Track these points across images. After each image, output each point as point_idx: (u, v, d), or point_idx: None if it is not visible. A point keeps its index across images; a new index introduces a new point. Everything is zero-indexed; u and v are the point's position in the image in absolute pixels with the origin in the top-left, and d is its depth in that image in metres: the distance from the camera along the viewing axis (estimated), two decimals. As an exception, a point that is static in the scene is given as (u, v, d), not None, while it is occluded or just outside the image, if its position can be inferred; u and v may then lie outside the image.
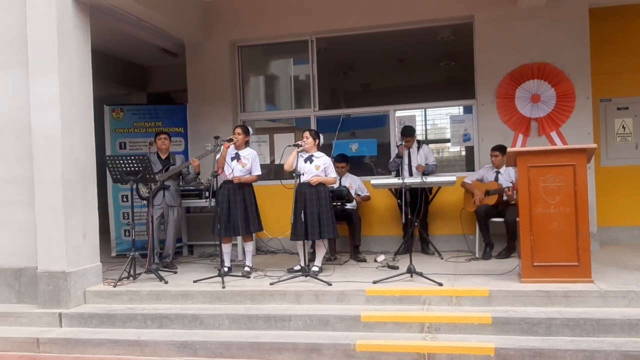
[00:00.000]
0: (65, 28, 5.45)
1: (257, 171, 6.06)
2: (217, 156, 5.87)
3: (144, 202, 6.38)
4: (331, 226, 5.72)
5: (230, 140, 5.89)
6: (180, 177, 6.62)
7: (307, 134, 5.85)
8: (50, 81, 5.35)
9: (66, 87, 5.43)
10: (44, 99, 5.37)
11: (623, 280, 4.90)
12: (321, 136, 5.93)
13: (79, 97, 5.60)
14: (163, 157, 6.59)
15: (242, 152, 6.02)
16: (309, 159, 5.80)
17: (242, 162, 5.96)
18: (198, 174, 6.57)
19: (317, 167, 5.76)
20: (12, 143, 5.63)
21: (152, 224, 6.16)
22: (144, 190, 6.35)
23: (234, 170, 5.90)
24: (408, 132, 6.92)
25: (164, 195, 6.45)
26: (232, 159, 5.95)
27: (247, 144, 6.13)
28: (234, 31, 7.81)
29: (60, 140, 5.34)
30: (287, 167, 5.81)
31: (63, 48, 5.40)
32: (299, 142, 5.78)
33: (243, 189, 5.93)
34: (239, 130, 6.03)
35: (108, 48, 8.70)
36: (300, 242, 5.74)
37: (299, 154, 5.76)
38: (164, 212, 6.48)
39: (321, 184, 5.74)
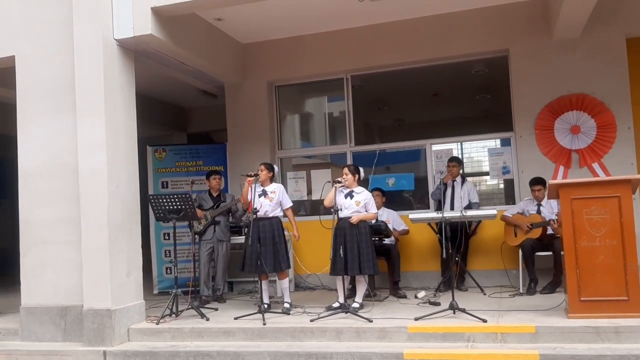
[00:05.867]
0: (111, 74, 5.69)
1: (288, 203, 6.22)
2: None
3: (196, 237, 6.80)
4: (371, 262, 5.69)
5: (253, 175, 6.00)
6: (230, 213, 7.00)
7: (345, 170, 5.88)
8: (96, 124, 5.55)
9: (112, 130, 5.63)
10: (90, 141, 5.57)
11: (677, 316, 4.71)
12: (361, 170, 5.96)
13: (124, 139, 5.80)
14: (214, 194, 6.97)
15: (268, 188, 6.13)
16: (350, 195, 5.82)
17: (269, 197, 6.07)
18: (246, 210, 6.78)
19: (358, 203, 5.77)
20: (61, 185, 5.81)
21: (193, 258, 6.43)
22: (196, 226, 6.71)
23: (262, 206, 6.00)
24: (456, 158, 6.96)
25: (214, 230, 6.83)
26: (260, 195, 6.06)
27: (271, 180, 6.25)
28: (271, 72, 8.01)
29: (106, 181, 5.51)
30: (327, 203, 5.85)
31: (109, 93, 5.63)
32: (339, 179, 5.82)
33: (272, 226, 6.01)
34: (261, 167, 6.16)
35: (151, 91, 9.02)
36: (340, 278, 5.72)
37: (339, 189, 5.80)
38: (214, 246, 6.84)
39: (361, 220, 5.74)
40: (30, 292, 5.89)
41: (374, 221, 6.65)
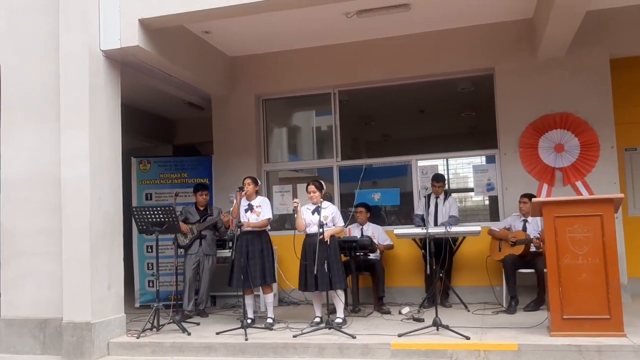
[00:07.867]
0: (97, 84, 5.66)
1: (267, 215, 6.05)
2: (231, 208, 6.00)
3: (181, 250, 6.73)
4: (341, 277, 5.70)
5: (241, 189, 5.96)
6: (216, 227, 6.94)
7: (312, 187, 5.83)
8: (80, 135, 5.51)
9: (96, 140, 5.59)
10: (74, 152, 5.52)
11: (658, 334, 4.74)
12: (323, 184, 5.94)
13: (108, 150, 5.76)
14: (201, 208, 6.92)
15: (254, 202, 6.08)
16: (317, 210, 5.81)
17: (256, 211, 6.02)
18: (227, 228, 6.76)
19: (326, 218, 5.75)
20: (43, 195, 5.74)
21: (175, 271, 6.31)
22: (181, 239, 6.62)
23: (249, 221, 5.96)
24: (441, 178, 6.97)
25: (200, 244, 6.74)
26: (246, 210, 6.01)
27: (257, 193, 6.21)
28: (258, 85, 8.01)
29: (89, 193, 5.45)
30: (299, 228, 5.86)
31: (94, 103, 5.59)
32: (297, 200, 5.85)
33: (260, 239, 5.98)
34: (248, 180, 6.09)
35: (136, 102, 8.98)
36: (317, 293, 5.75)
37: (305, 207, 5.80)
38: (200, 260, 6.76)
39: (331, 236, 5.74)
40: (10, 304, 5.79)
41: (359, 236, 6.67)
